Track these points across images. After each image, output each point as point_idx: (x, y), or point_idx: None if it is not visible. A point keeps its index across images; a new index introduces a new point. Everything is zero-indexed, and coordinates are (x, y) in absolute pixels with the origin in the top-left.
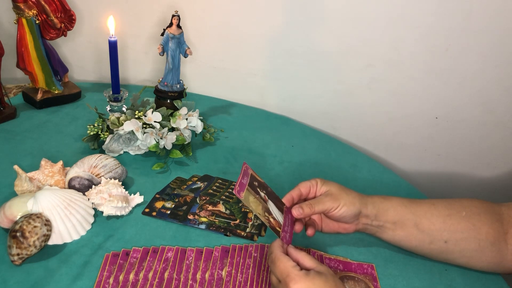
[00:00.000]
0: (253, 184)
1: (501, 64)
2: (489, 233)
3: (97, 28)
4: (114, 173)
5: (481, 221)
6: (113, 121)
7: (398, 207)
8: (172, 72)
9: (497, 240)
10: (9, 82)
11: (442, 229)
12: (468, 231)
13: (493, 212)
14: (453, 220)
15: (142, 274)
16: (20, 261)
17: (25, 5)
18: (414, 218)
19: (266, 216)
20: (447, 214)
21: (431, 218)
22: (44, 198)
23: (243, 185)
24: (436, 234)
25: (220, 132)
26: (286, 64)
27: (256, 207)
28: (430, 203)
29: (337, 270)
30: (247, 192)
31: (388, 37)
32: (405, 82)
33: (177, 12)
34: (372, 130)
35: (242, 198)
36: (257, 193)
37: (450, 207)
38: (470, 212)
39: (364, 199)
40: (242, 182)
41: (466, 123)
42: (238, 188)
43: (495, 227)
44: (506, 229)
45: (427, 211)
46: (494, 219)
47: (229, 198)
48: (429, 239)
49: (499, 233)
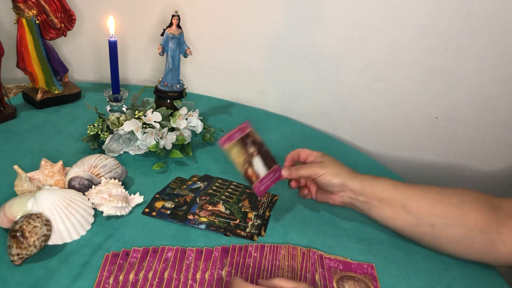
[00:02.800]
0: (245, 141)
1: (501, 64)
2: (478, 220)
3: (97, 28)
4: (114, 173)
5: (472, 209)
6: (113, 121)
7: (387, 186)
8: (172, 72)
9: (487, 228)
10: (9, 82)
11: (429, 213)
12: (456, 217)
13: (489, 202)
14: (442, 206)
15: (142, 274)
16: (20, 261)
17: (25, 5)
18: (402, 199)
19: (245, 166)
20: (437, 199)
21: (420, 201)
22: (44, 198)
23: (231, 138)
24: (423, 217)
25: (220, 132)
26: (286, 64)
27: (237, 157)
28: (422, 188)
29: (337, 270)
30: (233, 144)
31: (388, 37)
32: (405, 82)
33: (177, 12)
34: (372, 130)
35: (224, 148)
36: (245, 147)
37: (442, 193)
38: (462, 200)
39: (353, 174)
40: (233, 135)
41: (466, 123)
42: (225, 139)
43: (487, 216)
44: (502, 220)
45: (417, 194)
46: (488, 208)
47: (229, 198)
48: (416, 221)
49: (491, 222)
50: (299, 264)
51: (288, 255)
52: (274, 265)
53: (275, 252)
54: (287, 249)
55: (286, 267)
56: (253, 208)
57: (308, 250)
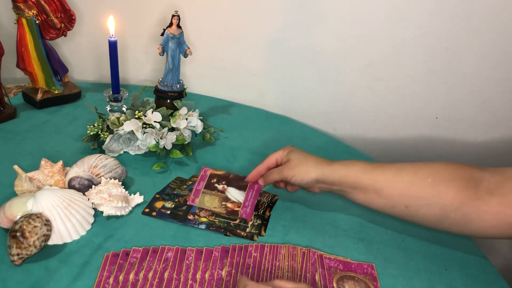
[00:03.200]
0: (210, 183)
1: (501, 64)
2: (454, 198)
3: (97, 28)
4: (114, 173)
5: (448, 187)
6: (113, 121)
7: (358, 173)
8: (172, 72)
9: (463, 205)
10: (9, 82)
11: (403, 195)
12: (431, 198)
13: (468, 177)
14: (415, 187)
15: (142, 274)
16: (20, 261)
17: (25, 5)
18: (374, 184)
19: (223, 205)
20: (410, 181)
21: (392, 184)
22: (44, 198)
23: (198, 191)
24: (397, 200)
25: (220, 132)
26: (286, 64)
27: (211, 203)
28: (396, 168)
29: (337, 270)
30: (201, 195)
31: (388, 37)
32: (405, 82)
33: (177, 12)
34: (372, 130)
35: (196, 204)
36: (213, 189)
37: (416, 172)
38: (438, 178)
39: (323, 166)
40: (198, 188)
41: (466, 123)
42: (193, 197)
43: (464, 193)
44: (480, 195)
45: (390, 178)
46: (466, 185)
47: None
48: (391, 203)
49: (467, 199)
50: (299, 264)
51: (288, 255)
52: (274, 265)
53: (275, 252)
54: (287, 249)
55: (286, 267)
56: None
57: (308, 250)
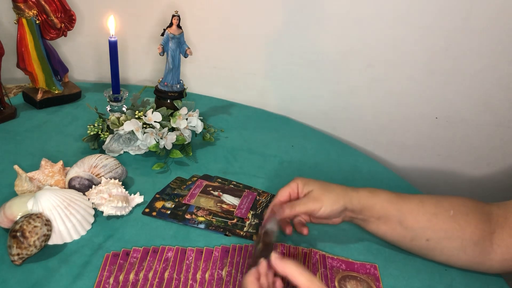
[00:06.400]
0: (206, 190)
1: (501, 64)
2: (474, 233)
3: (97, 28)
4: (114, 173)
5: (467, 221)
6: (113, 121)
7: (384, 203)
8: (172, 72)
9: (481, 240)
10: (9, 82)
11: (426, 227)
12: (452, 230)
13: (482, 211)
14: (438, 219)
15: (142, 274)
16: (20, 261)
17: (25, 5)
18: (399, 215)
19: (219, 205)
20: (434, 213)
21: (416, 215)
22: (44, 198)
23: (193, 195)
24: (419, 232)
25: (220, 132)
26: (286, 64)
27: (207, 203)
28: (419, 200)
29: (339, 269)
30: (197, 197)
31: (388, 37)
32: (405, 82)
33: (177, 12)
34: (372, 130)
35: (192, 203)
36: (209, 194)
37: (438, 205)
38: (458, 211)
39: (349, 194)
40: (193, 192)
41: (466, 123)
42: (189, 198)
43: (481, 227)
44: (493, 229)
45: (414, 208)
46: (482, 219)
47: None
48: (411, 235)
49: (485, 233)
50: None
51: (289, 255)
52: None
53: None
54: (288, 249)
55: None
56: (251, 207)
57: (310, 250)
